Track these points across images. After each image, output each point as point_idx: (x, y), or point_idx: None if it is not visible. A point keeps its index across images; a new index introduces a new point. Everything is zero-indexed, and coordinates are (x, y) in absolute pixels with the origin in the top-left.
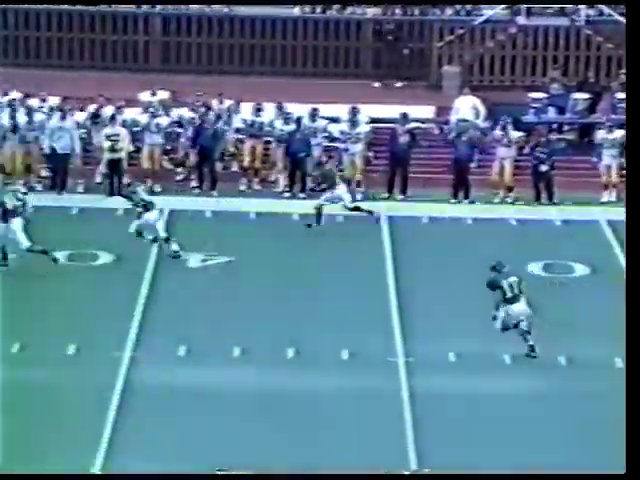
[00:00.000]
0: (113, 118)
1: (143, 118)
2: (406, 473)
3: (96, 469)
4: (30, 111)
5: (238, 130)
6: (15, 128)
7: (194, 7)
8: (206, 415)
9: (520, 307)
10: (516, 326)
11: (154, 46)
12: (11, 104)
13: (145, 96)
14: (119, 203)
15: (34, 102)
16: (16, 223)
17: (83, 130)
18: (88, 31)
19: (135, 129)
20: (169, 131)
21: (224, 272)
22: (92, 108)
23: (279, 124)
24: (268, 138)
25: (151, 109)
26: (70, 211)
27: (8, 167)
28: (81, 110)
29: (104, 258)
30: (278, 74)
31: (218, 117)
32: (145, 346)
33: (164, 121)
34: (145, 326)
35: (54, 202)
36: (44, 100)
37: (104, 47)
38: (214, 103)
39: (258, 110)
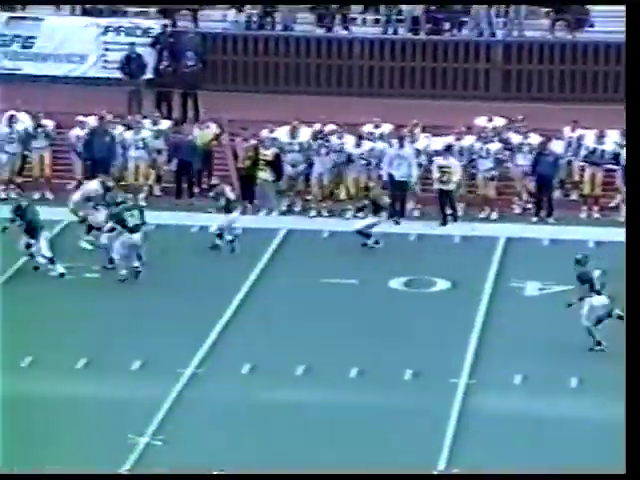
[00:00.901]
0: (448, 149)
1: (477, 145)
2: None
3: None
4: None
5: (584, 158)
6: (350, 157)
7: (535, 34)
8: (544, 444)
9: (603, 299)
10: (609, 315)
11: (495, 73)
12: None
13: (481, 121)
14: (455, 230)
15: (368, 128)
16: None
17: (424, 158)
18: (430, 59)
19: (473, 156)
20: (499, 157)
21: (561, 301)
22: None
23: (624, 152)
24: (610, 166)
25: (483, 134)
26: (408, 237)
27: (352, 191)
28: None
29: (441, 285)
30: (618, 100)
31: (569, 144)
32: (480, 374)
33: (494, 147)
34: (480, 353)
35: (392, 229)
36: (377, 127)
37: (444, 75)
38: (566, 130)
39: (601, 137)
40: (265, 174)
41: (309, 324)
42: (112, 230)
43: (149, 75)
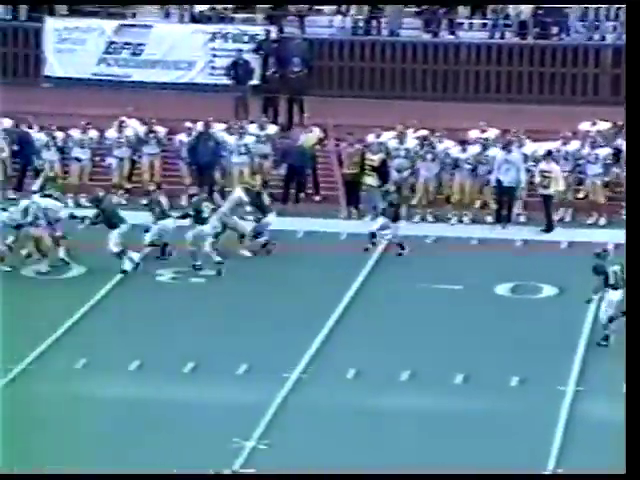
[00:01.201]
0: (549, 154)
1: (586, 150)
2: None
3: None
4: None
5: None
6: (457, 162)
7: None
8: None
9: (619, 295)
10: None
11: (604, 78)
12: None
13: (585, 126)
14: (562, 235)
15: (474, 134)
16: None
17: (532, 163)
18: (538, 64)
19: (579, 161)
20: (608, 163)
21: None
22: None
23: None
24: None
25: (592, 140)
26: (514, 243)
27: (457, 197)
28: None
29: (547, 291)
30: None
31: None
32: (588, 381)
33: (603, 152)
34: (588, 361)
35: (498, 234)
36: (483, 132)
37: (552, 80)
38: None
39: None
40: (371, 179)
41: (414, 330)
42: (185, 217)
43: (256, 81)
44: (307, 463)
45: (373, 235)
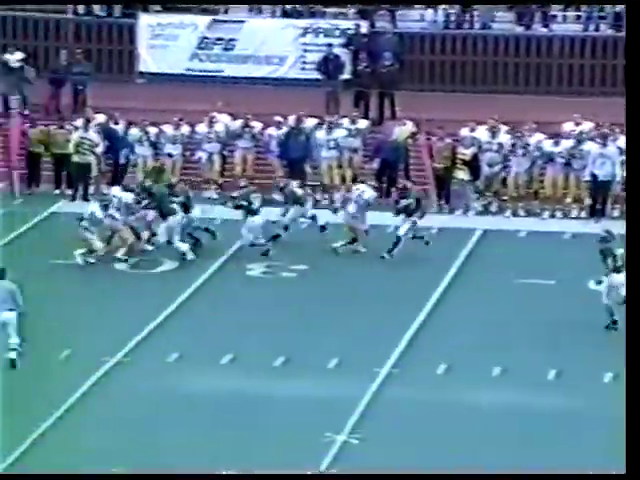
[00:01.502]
0: None
1: None
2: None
3: None
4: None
5: None
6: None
7: None
8: None
9: (622, 277)
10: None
11: None
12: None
13: None
14: None
15: (568, 127)
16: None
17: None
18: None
19: None
20: None
21: None
22: None
23: None
24: None
25: None
26: None
27: (549, 192)
28: None
29: None
30: None
31: None
32: None
33: None
34: None
35: (592, 229)
36: (577, 124)
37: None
38: None
39: None
40: (463, 174)
41: (506, 325)
42: (239, 208)
43: (346, 75)
44: (399, 458)
45: (420, 237)
